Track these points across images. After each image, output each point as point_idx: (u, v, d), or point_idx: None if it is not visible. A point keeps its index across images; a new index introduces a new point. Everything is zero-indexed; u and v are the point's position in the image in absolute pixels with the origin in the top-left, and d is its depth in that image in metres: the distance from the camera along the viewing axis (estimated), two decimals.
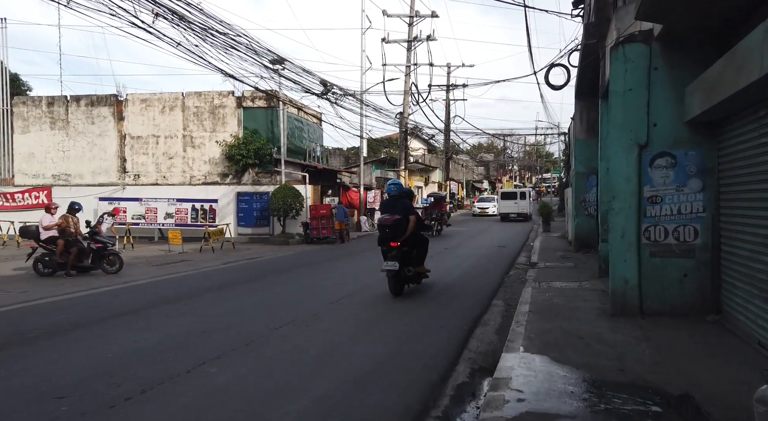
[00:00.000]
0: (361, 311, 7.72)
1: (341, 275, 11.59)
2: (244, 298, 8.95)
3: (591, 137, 15.59)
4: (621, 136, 6.81)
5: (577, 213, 15.62)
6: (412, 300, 8.46)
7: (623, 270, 6.76)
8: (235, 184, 22.64)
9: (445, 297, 8.63)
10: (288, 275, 11.93)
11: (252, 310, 7.93)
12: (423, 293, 8.88)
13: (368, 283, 10.18)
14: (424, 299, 8.45)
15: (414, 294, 8.85)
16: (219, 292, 9.57)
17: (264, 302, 8.51)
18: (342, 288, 9.77)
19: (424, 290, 9.16)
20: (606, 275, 10.23)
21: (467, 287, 9.71)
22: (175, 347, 5.88)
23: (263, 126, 22.58)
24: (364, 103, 25.00)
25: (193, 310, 7.93)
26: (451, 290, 9.35)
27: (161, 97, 22.95)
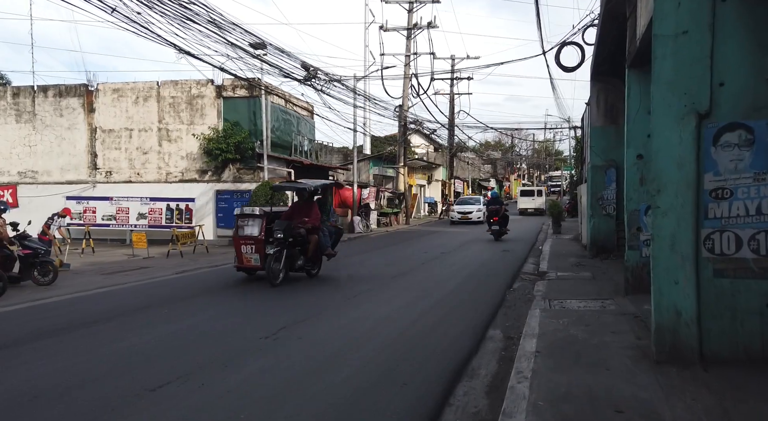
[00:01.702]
0: (295, 357, 5.53)
1: (307, 289, 9.55)
2: (155, 328, 6.63)
3: (610, 124, 13.45)
4: (670, 102, 4.70)
5: (593, 213, 13.48)
6: (377, 333, 6.36)
7: (674, 296, 4.66)
8: (214, 181, 20.66)
9: (424, 325, 6.51)
10: (242, 288, 9.88)
11: (147, 351, 5.59)
12: (394, 321, 6.74)
13: (327, 304, 8.10)
14: (394, 330, 6.33)
15: (383, 324, 6.72)
16: (134, 316, 7.30)
17: (176, 336, 6.22)
18: (297, 309, 7.72)
19: (396, 317, 7.02)
20: (635, 291, 8.11)
21: (457, 308, 7.61)
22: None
23: (245, 118, 20.58)
24: (359, 94, 22.94)
25: (66, 350, 5.77)
26: (435, 312, 7.24)
27: (135, 86, 21.01)
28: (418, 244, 18.36)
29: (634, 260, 8.07)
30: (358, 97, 23.49)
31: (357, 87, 23.27)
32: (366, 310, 7.29)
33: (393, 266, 12.23)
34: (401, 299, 8.06)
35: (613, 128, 13.43)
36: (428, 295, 8.41)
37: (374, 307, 7.47)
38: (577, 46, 14.61)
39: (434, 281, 9.83)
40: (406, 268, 11.87)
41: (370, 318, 6.76)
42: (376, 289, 8.96)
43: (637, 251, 8.06)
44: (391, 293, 8.60)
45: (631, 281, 8.09)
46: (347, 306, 7.61)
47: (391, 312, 7.09)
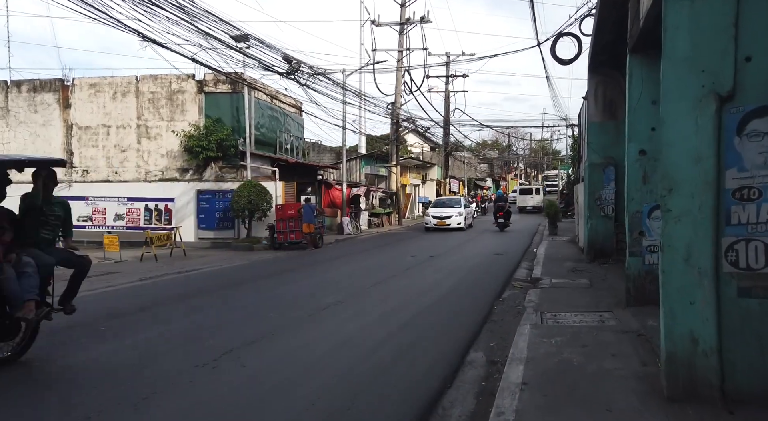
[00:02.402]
0: (229, 393, 4.55)
1: (267, 303, 8.68)
2: (68, 355, 5.51)
3: (608, 119, 12.62)
4: (685, 82, 3.86)
5: (590, 214, 12.65)
6: (334, 360, 5.48)
7: (689, 320, 3.81)
8: (195, 180, 19.79)
9: (393, 348, 5.57)
10: (200, 300, 9.00)
11: (34, 391, 4.51)
12: (358, 344, 5.77)
13: (286, 321, 7.23)
14: (356, 356, 5.39)
15: (345, 348, 5.80)
16: (54, 337, 6.11)
17: (88, 367, 5.16)
18: (251, 328, 6.85)
19: (362, 338, 6.08)
20: (638, 302, 7.27)
21: (437, 324, 6.73)
22: None
23: (228, 114, 19.71)
24: (347, 89, 22.07)
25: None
26: (410, 331, 6.34)
27: (112, 81, 20.12)
28: (408, 246, 17.51)
29: (636, 267, 7.24)
30: (348, 94, 22.63)
31: (346, 83, 22.41)
32: (329, 328, 6.40)
33: (374, 272, 11.37)
34: (373, 313, 7.19)
35: (612, 124, 12.59)
36: (406, 307, 7.55)
37: (339, 324, 6.59)
38: (574, 38, 13.79)
39: (416, 290, 8.98)
40: (389, 274, 11.02)
41: (330, 339, 5.88)
42: (347, 301, 8.09)
43: (639, 258, 7.22)
44: (363, 306, 7.71)
45: (633, 291, 7.25)
46: (308, 323, 6.72)
47: (358, 331, 6.20)
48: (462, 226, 23.63)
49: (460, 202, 25.73)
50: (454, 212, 24.04)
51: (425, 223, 24.40)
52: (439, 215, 24.07)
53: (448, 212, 24.07)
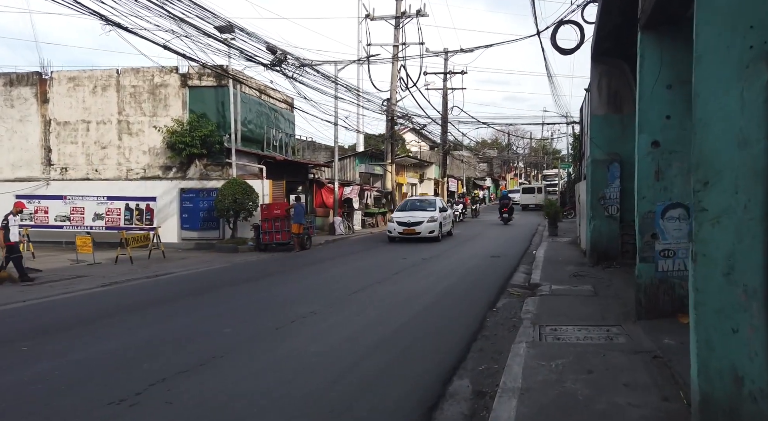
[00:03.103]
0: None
1: (231, 314, 7.80)
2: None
3: (613, 112, 11.75)
4: (727, 41, 2.98)
5: (593, 214, 11.76)
6: (288, 391, 4.58)
7: (732, 353, 2.93)
8: (179, 178, 18.88)
9: (363, 375, 4.63)
10: (152, 311, 8.10)
11: None
12: (321, 369, 4.87)
13: (245, 338, 6.32)
14: (317, 385, 4.48)
15: (305, 374, 4.88)
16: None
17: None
18: (199, 347, 5.95)
19: (329, 361, 5.15)
20: (650, 315, 6.38)
21: (419, 341, 5.82)
22: None
23: (213, 109, 18.81)
24: (340, 84, 21.16)
25: None
26: (386, 351, 5.41)
27: (92, 74, 19.21)
28: (400, 247, 16.61)
29: (648, 275, 6.35)
30: (343, 90, 21.71)
31: (339, 78, 21.51)
32: (289, 349, 5.47)
33: (359, 277, 10.48)
34: (348, 328, 6.28)
35: (616, 117, 11.72)
36: (386, 320, 6.65)
37: (303, 343, 5.67)
38: (576, 26, 12.88)
39: (401, 299, 8.09)
40: (375, 279, 10.13)
41: (286, 366, 4.95)
42: (322, 311, 7.19)
43: (651, 265, 6.33)
44: (337, 319, 6.81)
45: (644, 302, 6.36)
46: (268, 342, 5.80)
47: (323, 353, 5.29)
48: (436, 235, 18.26)
49: (434, 204, 20.25)
50: (426, 217, 18.49)
51: (388, 231, 18.86)
52: (406, 220, 18.47)
53: (417, 217, 18.51)
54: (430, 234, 18.14)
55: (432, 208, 19.58)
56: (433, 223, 18.38)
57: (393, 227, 18.69)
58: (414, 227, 18.16)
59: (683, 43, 6.29)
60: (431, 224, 18.30)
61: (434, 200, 21.10)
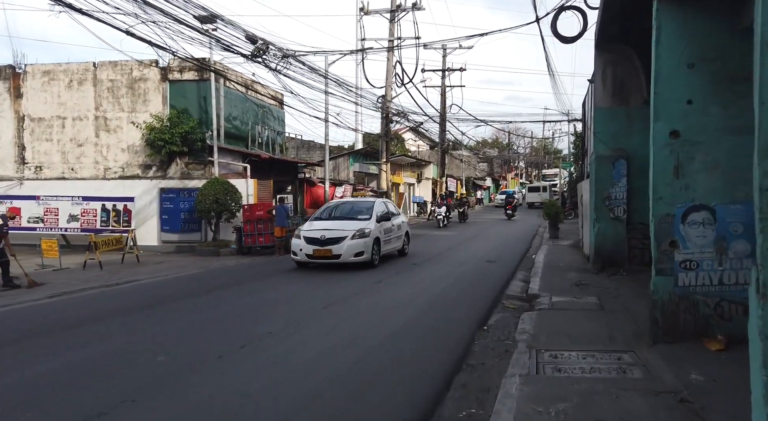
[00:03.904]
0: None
1: (176, 334, 6.78)
2: None
3: (619, 104, 10.76)
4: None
5: (598, 215, 10.77)
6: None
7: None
8: (159, 178, 17.90)
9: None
10: (100, 326, 7.10)
11: None
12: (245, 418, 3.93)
13: (168, 373, 5.28)
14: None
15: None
16: None
17: None
18: (90, 394, 4.93)
19: (261, 406, 4.16)
20: (668, 337, 5.34)
21: (386, 374, 4.79)
22: None
23: (194, 104, 17.82)
24: (331, 78, 20.14)
25: None
26: (345, 387, 4.37)
27: (68, 68, 18.22)
28: None
29: (666, 290, 5.34)
30: (339, 88, 20.68)
31: (330, 72, 20.51)
32: (230, 383, 4.37)
33: (337, 286, 9.47)
34: (305, 354, 5.20)
35: (622, 109, 10.75)
36: (354, 343, 5.63)
37: (248, 375, 4.57)
38: (578, 11, 11.89)
39: (378, 314, 7.08)
40: (354, 289, 9.12)
41: (224, 406, 3.95)
42: (282, 331, 6.17)
43: (670, 278, 5.33)
44: (297, 341, 5.76)
45: (662, 322, 5.35)
46: (207, 373, 4.71)
47: (267, 389, 4.26)
48: (366, 258, 11.78)
49: (371, 210, 13.14)
50: (351, 231, 11.91)
51: (292, 253, 12.35)
52: (319, 235, 11.93)
53: (338, 230, 12.02)
54: (357, 258, 11.57)
55: (365, 216, 12.64)
56: (361, 240, 11.72)
57: (299, 245, 11.91)
58: (330, 247, 11.59)
59: (710, 14, 5.29)
60: (358, 242, 11.67)
61: (372, 204, 13.52)
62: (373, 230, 12.18)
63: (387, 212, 13.72)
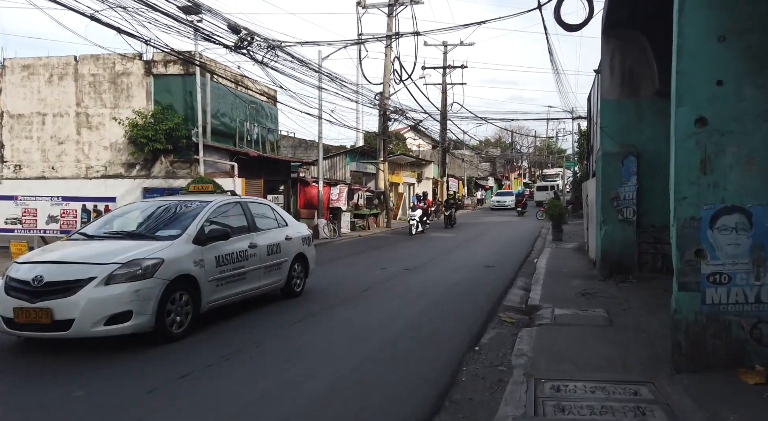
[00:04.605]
0: None
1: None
2: None
3: (628, 95, 9.88)
4: None
5: (605, 217, 9.88)
6: None
7: None
8: (143, 177, 17.09)
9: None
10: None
11: None
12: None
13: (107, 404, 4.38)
14: None
15: None
16: None
17: None
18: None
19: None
20: (694, 366, 4.44)
21: (353, 407, 3.96)
22: None
23: (180, 100, 17.02)
24: (324, 73, 19.30)
25: None
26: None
27: (48, 62, 17.43)
28: (384, 254, 14.75)
29: (691, 309, 4.46)
30: (333, 82, 19.81)
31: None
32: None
33: (319, 296, 8.60)
34: (250, 393, 4.21)
35: (632, 102, 9.86)
36: (318, 372, 4.73)
37: None
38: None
39: (354, 332, 6.19)
40: (337, 299, 8.25)
41: None
42: (237, 356, 5.25)
43: (695, 294, 4.45)
44: (251, 370, 4.78)
45: (687, 347, 4.47)
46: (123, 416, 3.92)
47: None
48: (137, 325, 5.44)
49: (192, 217, 6.65)
50: (108, 265, 5.51)
51: None
52: (33, 277, 5.44)
53: (78, 265, 5.60)
54: (111, 327, 5.37)
55: (172, 232, 6.46)
56: (129, 286, 5.46)
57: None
58: (48, 303, 5.29)
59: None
60: (118, 292, 5.42)
61: (201, 208, 6.85)
62: (176, 259, 5.93)
63: (245, 225, 7.37)
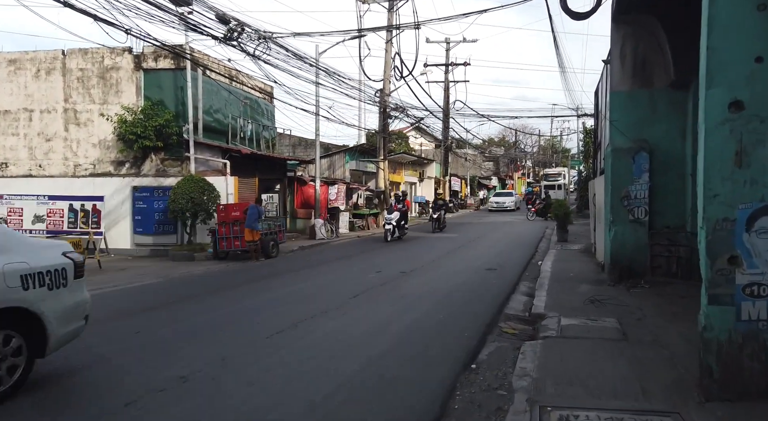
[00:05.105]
0: None
1: None
2: None
3: (640, 86, 9.20)
4: None
5: (614, 218, 9.21)
6: None
7: None
8: (133, 175, 16.50)
9: None
10: None
11: None
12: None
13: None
14: None
15: None
16: None
17: None
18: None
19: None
20: (728, 395, 3.77)
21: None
22: None
23: (171, 96, 16.42)
24: (321, 68, 18.65)
25: None
26: None
27: (35, 56, 16.86)
28: (380, 256, 14.11)
29: (724, 326, 3.79)
30: (330, 77, 19.16)
31: (320, 61, 19.03)
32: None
33: (302, 304, 7.94)
34: (212, 416, 3.70)
35: (645, 93, 9.18)
36: (290, 397, 4.10)
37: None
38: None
39: (339, 347, 5.54)
40: (322, 306, 7.59)
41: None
42: (197, 375, 4.65)
43: (729, 309, 3.78)
44: (207, 397, 4.25)
45: (719, 371, 3.80)
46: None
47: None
48: None
49: None
50: None
51: None
52: None
53: None
54: None
55: None
56: None
57: None
58: None
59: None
60: None
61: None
62: None
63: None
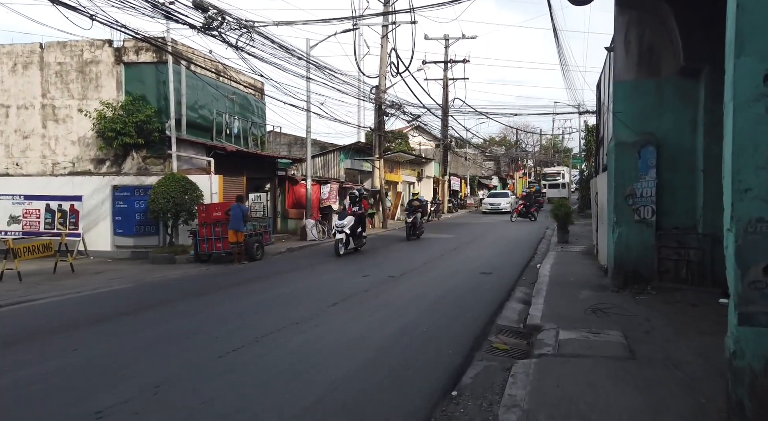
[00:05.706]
0: None
1: None
2: None
3: (647, 75, 8.46)
4: None
5: (618, 218, 8.48)
6: None
7: None
8: (113, 174, 15.77)
9: None
10: None
11: None
12: None
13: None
14: None
15: None
16: None
17: None
18: None
19: None
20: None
21: None
22: None
23: (153, 91, 15.70)
24: (312, 62, 17.92)
25: None
26: None
27: (11, 50, 16.15)
28: (371, 259, 13.38)
29: (758, 353, 3.06)
30: (320, 70, 18.44)
31: (312, 55, 18.32)
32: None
33: (275, 312, 7.22)
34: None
35: (651, 83, 8.45)
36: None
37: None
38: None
39: (303, 362, 4.83)
40: (297, 315, 6.87)
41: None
42: (135, 402, 3.96)
43: (765, 331, 3.04)
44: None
45: (752, 407, 3.06)
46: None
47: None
48: None
49: None
50: None
51: None
52: None
53: None
54: None
55: None
56: None
57: None
58: None
59: None
60: None
61: None
62: None
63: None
